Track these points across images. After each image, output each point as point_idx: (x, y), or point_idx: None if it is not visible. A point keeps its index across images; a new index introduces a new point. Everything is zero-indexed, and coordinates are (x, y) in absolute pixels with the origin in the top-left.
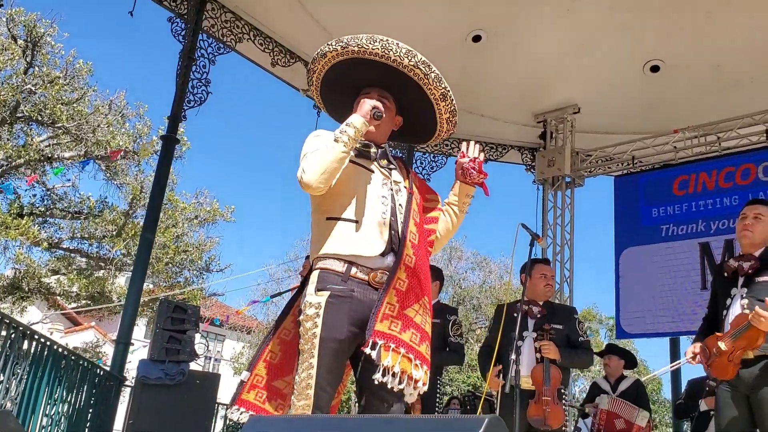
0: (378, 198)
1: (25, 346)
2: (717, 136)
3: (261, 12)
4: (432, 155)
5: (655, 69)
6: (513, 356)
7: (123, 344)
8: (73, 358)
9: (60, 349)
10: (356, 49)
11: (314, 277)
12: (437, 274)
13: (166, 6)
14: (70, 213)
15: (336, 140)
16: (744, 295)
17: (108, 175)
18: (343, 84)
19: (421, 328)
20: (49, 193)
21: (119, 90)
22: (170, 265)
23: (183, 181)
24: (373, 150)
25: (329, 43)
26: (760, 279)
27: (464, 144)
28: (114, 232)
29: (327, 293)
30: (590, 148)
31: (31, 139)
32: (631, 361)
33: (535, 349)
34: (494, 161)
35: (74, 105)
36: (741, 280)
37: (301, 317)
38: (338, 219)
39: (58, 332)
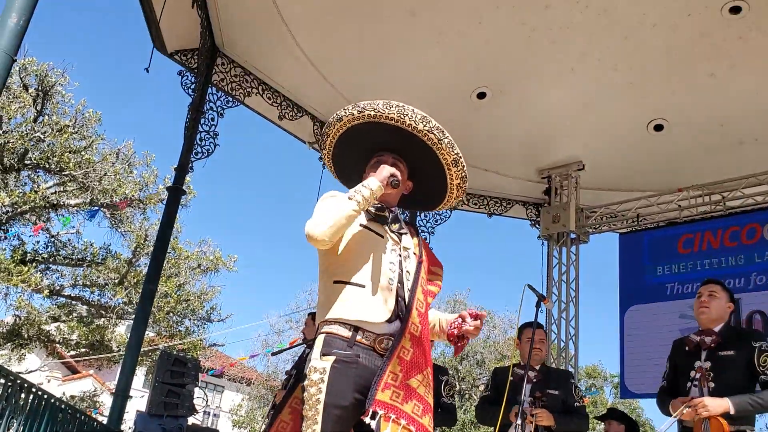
0: (387, 264)
1: (23, 398)
2: (722, 196)
3: (270, 67)
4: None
5: (659, 128)
6: (518, 420)
7: (122, 397)
8: (70, 411)
9: (57, 402)
10: (372, 113)
11: (319, 341)
12: None
13: (177, 60)
14: (73, 260)
15: (350, 198)
16: (708, 369)
17: (113, 222)
18: (355, 145)
19: (425, 400)
20: (53, 239)
21: (127, 139)
22: (171, 314)
23: (187, 230)
24: (384, 214)
25: (345, 108)
26: (723, 353)
27: (468, 313)
28: (116, 280)
29: (332, 358)
30: (595, 204)
31: (38, 186)
32: (632, 426)
33: (531, 416)
34: (499, 215)
35: (82, 153)
36: (704, 354)
37: (306, 382)
38: (346, 283)
39: (56, 380)
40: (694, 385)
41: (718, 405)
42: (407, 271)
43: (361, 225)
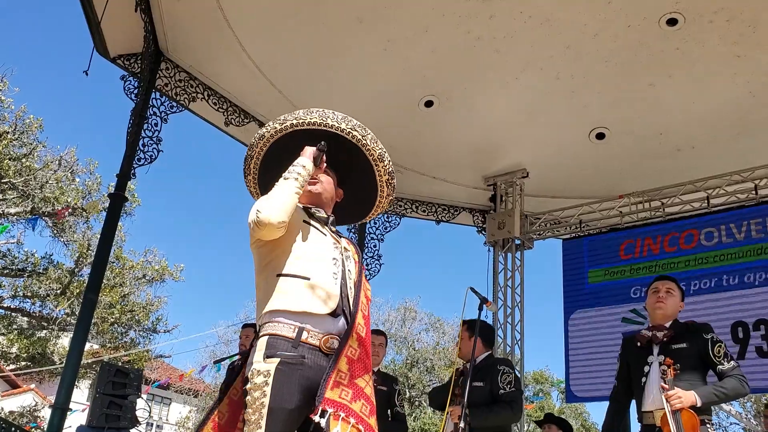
0: (329, 259)
1: None
2: (661, 202)
3: (215, 72)
4: (386, 215)
5: (600, 136)
6: (461, 424)
7: (60, 410)
8: (3, 425)
9: None
10: (294, 122)
11: (262, 343)
12: (382, 335)
13: (119, 64)
14: (13, 270)
15: (286, 178)
16: (662, 362)
17: (55, 232)
18: (282, 165)
19: (371, 400)
20: None
21: (70, 146)
22: (116, 325)
23: (132, 239)
24: (322, 214)
25: (266, 124)
26: (676, 346)
27: None
28: (58, 291)
29: (276, 360)
30: (539, 211)
31: None
32: (568, 429)
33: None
34: (446, 222)
35: (22, 160)
36: (656, 348)
37: (249, 386)
38: (288, 275)
39: None
40: (662, 377)
41: (688, 397)
42: (349, 270)
43: (304, 221)
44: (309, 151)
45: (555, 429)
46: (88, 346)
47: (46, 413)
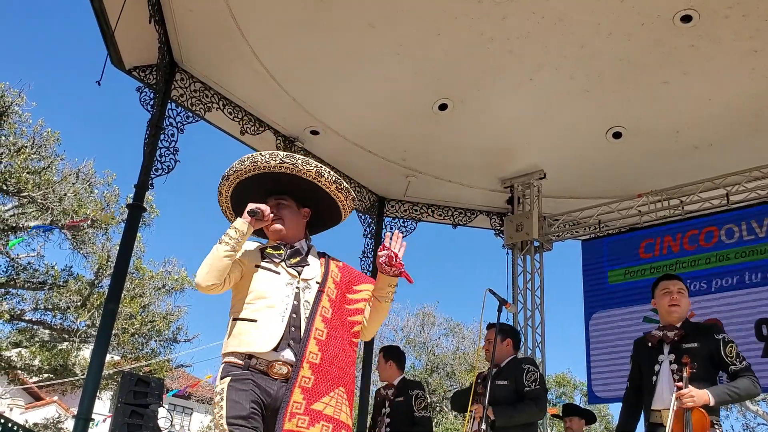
0: (280, 298)
1: None
2: (680, 200)
3: (230, 82)
4: (402, 220)
5: (617, 135)
6: (482, 426)
7: (83, 420)
8: None
9: (16, 428)
10: (232, 174)
11: (219, 371)
12: (392, 353)
13: (135, 76)
14: (34, 283)
15: (219, 242)
16: (672, 361)
17: (74, 244)
18: (248, 199)
19: (334, 419)
20: (12, 263)
21: (87, 159)
22: (136, 335)
23: (151, 250)
24: (280, 251)
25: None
26: (687, 345)
27: (386, 237)
28: (79, 303)
29: (228, 379)
30: (557, 212)
31: None
32: (591, 418)
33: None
34: (464, 226)
35: (41, 174)
36: (667, 348)
37: (214, 410)
38: (240, 319)
39: (19, 408)
40: (674, 375)
41: (701, 396)
42: (306, 302)
43: (256, 266)
44: (245, 211)
45: (577, 420)
46: (108, 357)
47: (68, 424)
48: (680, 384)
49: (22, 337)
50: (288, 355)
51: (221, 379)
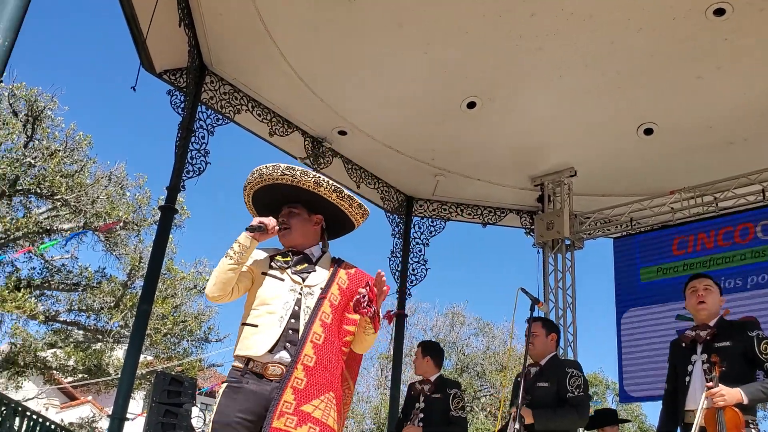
0: (281, 303)
1: (17, 423)
2: (714, 197)
3: (259, 84)
4: (431, 220)
5: (648, 131)
6: (516, 425)
7: (118, 420)
8: None
9: (53, 426)
10: (247, 185)
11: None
12: (431, 349)
13: (165, 80)
14: (68, 285)
15: (225, 255)
16: (705, 361)
17: (107, 246)
18: (269, 203)
19: (322, 423)
20: (47, 265)
21: (119, 161)
22: (168, 335)
23: (182, 251)
24: (287, 259)
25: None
26: (719, 344)
27: (377, 275)
28: (112, 304)
29: (225, 385)
30: (588, 210)
31: (30, 212)
32: (618, 419)
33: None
34: (493, 225)
35: (74, 177)
36: (700, 347)
37: None
38: (245, 324)
39: (54, 408)
40: (706, 375)
41: (733, 395)
42: (307, 307)
43: (263, 273)
44: (250, 225)
45: (610, 429)
46: (141, 357)
47: (102, 424)
48: (710, 384)
49: (57, 338)
50: (284, 356)
51: (222, 384)
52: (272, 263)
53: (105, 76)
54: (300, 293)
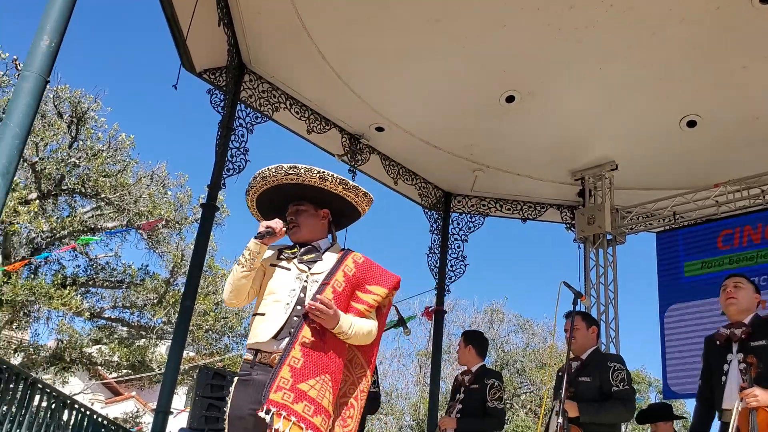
0: (286, 291)
1: (65, 416)
2: (761, 189)
3: (297, 81)
4: (469, 215)
5: (692, 124)
6: (559, 419)
7: (162, 413)
8: (113, 427)
9: (100, 419)
10: (250, 189)
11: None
12: (473, 338)
13: (205, 79)
14: (112, 282)
15: (237, 262)
16: (741, 360)
17: (150, 244)
18: (277, 203)
19: (317, 402)
20: (92, 263)
21: (160, 161)
22: (210, 332)
23: (223, 248)
24: (294, 250)
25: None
26: (755, 343)
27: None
28: (155, 300)
29: (236, 379)
30: (630, 204)
31: (75, 211)
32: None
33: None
34: (533, 220)
35: (117, 176)
36: (735, 346)
37: None
38: (255, 314)
39: (99, 403)
40: (742, 375)
41: (766, 396)
42: (312, 294)
43: (272, 264)
44: (257, 231)
45: (663, 425)
46: (184, 353)
47: (146, 419)
48: (744, 384)
49: (101, 334)
50: (287, 342)
51: (235, 376)
52: (281, 255)
53: (146, 77)
54: (306, 281)
